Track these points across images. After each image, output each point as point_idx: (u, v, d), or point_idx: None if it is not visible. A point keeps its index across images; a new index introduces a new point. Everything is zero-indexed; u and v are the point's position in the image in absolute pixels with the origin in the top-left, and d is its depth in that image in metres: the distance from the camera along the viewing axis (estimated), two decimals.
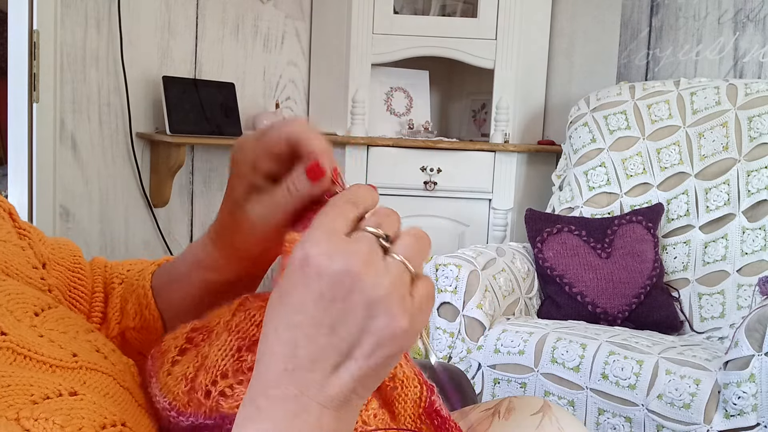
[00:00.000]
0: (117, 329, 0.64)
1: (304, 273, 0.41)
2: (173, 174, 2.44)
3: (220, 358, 0.52)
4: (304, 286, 0.41)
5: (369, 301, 0.40)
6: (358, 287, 0.40)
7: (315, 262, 0.41)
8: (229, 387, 0.51)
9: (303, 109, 2.91)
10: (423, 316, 0.43)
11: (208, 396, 0.51)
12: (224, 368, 0.52)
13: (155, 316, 0.63)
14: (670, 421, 1.54)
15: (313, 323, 0.41)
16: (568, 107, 2.55)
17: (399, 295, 0.41)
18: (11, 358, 0.46)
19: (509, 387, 1.76)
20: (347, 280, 0.40)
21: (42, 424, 0.41)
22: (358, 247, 0.41)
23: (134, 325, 0.63)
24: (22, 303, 0.52)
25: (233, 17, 2.67)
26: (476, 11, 2.65)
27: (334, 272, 0.40)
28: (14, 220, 0.60)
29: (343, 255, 0.41)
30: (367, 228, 0.43)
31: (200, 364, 0.53)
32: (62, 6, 2.13)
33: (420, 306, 0.42)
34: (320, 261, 0.41)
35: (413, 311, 0.42)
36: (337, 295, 0.41)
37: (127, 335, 0.64)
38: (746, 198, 2.07)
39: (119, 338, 0.64)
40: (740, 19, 2.44)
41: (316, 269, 0.41)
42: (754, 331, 1.47)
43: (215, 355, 0.52)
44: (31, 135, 2.04)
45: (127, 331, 0.64)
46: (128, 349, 0.63)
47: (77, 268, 0.65)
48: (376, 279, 0.41)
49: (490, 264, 1.97)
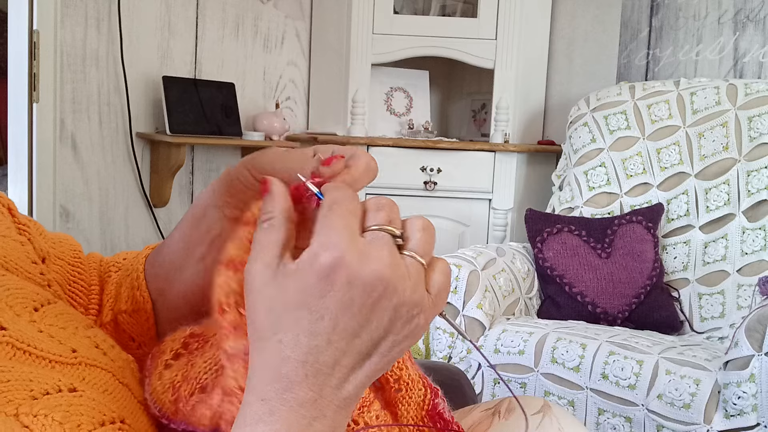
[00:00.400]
0: (110, 315, 0.64)
1: (331, 280, 0.40)
2: (173, 174, 2.44)
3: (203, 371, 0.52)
4: (330, 293, 0.40)
5: (396, 304, 0.41)
6: (387, 293, 0.40)
7: (344, 269, 0.40)
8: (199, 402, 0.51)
9: (303, 109, 2.91)
10: (438, 309, 0.43)
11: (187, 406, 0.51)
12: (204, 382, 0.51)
13: (145, 298, 0.62)
14: (670, 421, 1.54)
15: (338, 330, 0.41)
16: (568, 107, 2.55)
17: (420, 295, 0.42)
18: (11, 353, 0.46)
19: None
20: (379, 287, 0.40)
21: (41, 420, 0.41)
22: (383, 253, 0.41)
23: (126, 308, 0.63)
24: (21, 298, 0.52)
25: (233, 17, 2.67)
26: (476, 11, 2.65)
27: (365, 280, 0.40)
28: (13, 215, 0.60)
29: (371, 262, 0.40)
30: (382, 227, 0.42)
31: (187, 373, 0.53)
32: (62, 6, 2.13)
33: (436, 300, 0.43)
34: (350, 269, 0.40)
35: (430, 307, 0.42)
36: (367, 302, 0.40)
37: (119, 319, 0.64)
38: (746, 198, 2.07)
39: (112, 324, 0.64)
40: (740, 19, 2.44)
41: (347, 278, 0.40)
42: (754, 331, 1.47)
43: (200, 367, 0.52)
44: (31, 135, 2.04)
45: (120, 315, 0.64)
46: (121, 335, 0.63)
47: (77, 263, 0.65)
48: (402, 283, 0.41)
49: (490, 264, 1.97)
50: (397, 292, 0.40)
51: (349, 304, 0.40)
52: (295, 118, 2.88)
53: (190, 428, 0.51)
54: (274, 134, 2.64)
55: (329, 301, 0.40)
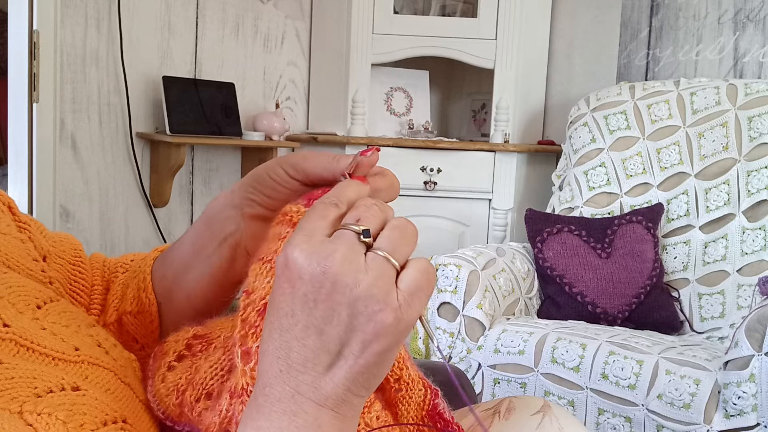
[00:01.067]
0: (115, 315, 0.65)
1: (287, 276, 0.42)
2: (173, 174, 2.44)
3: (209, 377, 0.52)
4: (289, 289, 0.42)
5: (350, 299, 0.41)
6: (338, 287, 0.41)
7: (294, 264, 0.41)
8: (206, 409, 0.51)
9: (303, 110, 2.91)
10: (414, 308, 0.42)
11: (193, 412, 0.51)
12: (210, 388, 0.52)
13: (151, 300, 0.63)
14: (670, 421, 1.54)
15: (302, 326, 0.41)
16: (568, 107, 2.55)
17: (382, 291, 0.41)
18: (14, 350, 0.46)
19: (509, 387, 1.76)
20: (326, 281, 0.41)
21: (45, 419, 0.42)
22: (335, 247, 0.41)
23: (131, 309, 0.64)
24: (24, 296, 0.52)
25: (233, 17, 2.67)
26: (476, 11, 2.65)
27: (312, 274, 0.41)
28: (14, 213, 0.60)
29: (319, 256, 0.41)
30: (347, 225, 0.43)
31: (192, 377, 0.53)
32: (62, 6, 2.13)
33: (409, 297, 0.42)
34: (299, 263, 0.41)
35: (400, 304, 0.41)
36: (319, 297, 0.41)
37: (124, 320, 0.64)
38: (746, 198, 2.07)
39: (116, 324, 0.64)
40: (740, 19, 2.44)
41: (297, 272, 0.41)
42: (754, 331, 1.47)
43: (205, 372, 0.52)
44: (31, 135, 2.04)
45: (124, 316, 0.64)
46: (124, 336, 0.64)
47: (78, 262, 0.65)
48: (355, 277, 0.41)
49: (490, 264, 1.97)
50: (348, 286, 0.40)
51: (305, 299, 0.41)
52: (295, 118, 2.88)
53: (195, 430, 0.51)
54: (274, 134, 2.64)
55: (289, 297, 0.41)
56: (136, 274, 0.65)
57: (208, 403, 0.51)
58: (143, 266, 0.65)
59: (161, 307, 0.63)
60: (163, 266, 0.64)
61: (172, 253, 0.64)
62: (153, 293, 0.63)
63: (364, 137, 2.60)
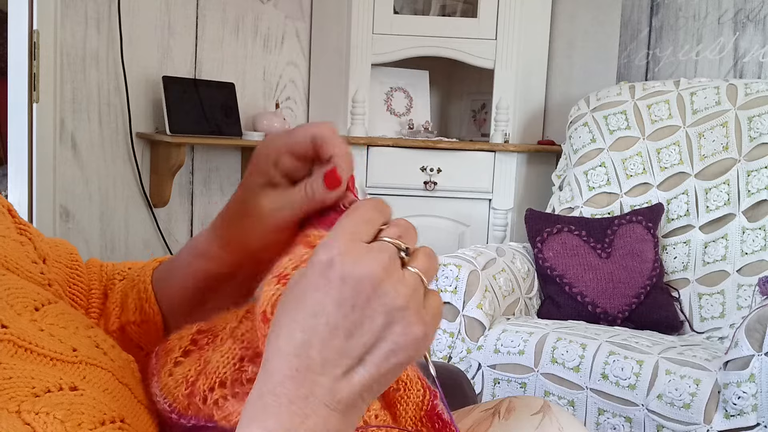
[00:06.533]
0: (117, 323, 0.65)
1: (327, 276, 0.42)
2: (173, 174, 2.44)
3: (221, 365, 0.52)
4: (325, 289, 0.42)
5: (389, 308, 0.41)
6: (378, 294, 0.41)
7: (339, 266, 0.41)
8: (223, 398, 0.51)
9: (303, 110, 2.91)
10: (434, 328, 0.44)
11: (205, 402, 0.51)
12: (224, 376, 0.52)
13: (155, 311, 0.63)
14: (670, 421, 1.54)
15: (331, 327, 0.41)
16: (568, 107, 2.55)
17: (416, 306, 0.42)
18: (12, 350, 0.46)
19: (509, 387, 1.76)
20: (369, 287, 0.41)
21: (43, 418, 0.42)
22: (381, 256, 0.42)
23: (134, 319, 0.64)
24: (22, 297, 0.52)
25: (233, 17, 2.67)
26: (476, 11, 2.65)
27: (357, 277, 0.41)
28: (13, 216, 0.60)
29: (366, 261, 0.41)
30: (389, 239, 0.44)
31: (202, 368, 0.53)
32: (62, 6, 2.13)
33: (432, 318, 0.43)
34: (345, 266, 0.41)
35: (428, 321, 0.43)
36: (358, 301, 0.41)
37: (127, 329, 0.64)
38: (746, 198, 2.07)
39: (119, 332, 0.64)
40: (740, 19, 2.44)
41: (340, 273, 0.41)
42: (754, 331, 1.47)
43: (217, 362, 0.52)
44: (31, 135, 2.04)
45: (128, 326, 0.64)
46: (128, 344, 0.63)
47: (75, 266, 0.66)
48: (396, 287, 0.42)
49: (490, 264, 1.97)
50: (389, 295, 0.41)
51: (342, 302, 0.41)
52: (295, 118, 2.88)
53: (201, 423, 0.51)
54: None
55: (324, 297, 0.41)
56: (135, 283, 0.65)
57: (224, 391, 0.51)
58: (142, 276, 0.65)
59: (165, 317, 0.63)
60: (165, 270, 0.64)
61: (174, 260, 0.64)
62: (156, 305, 0.63)
63: (364, 137, 2.60)
